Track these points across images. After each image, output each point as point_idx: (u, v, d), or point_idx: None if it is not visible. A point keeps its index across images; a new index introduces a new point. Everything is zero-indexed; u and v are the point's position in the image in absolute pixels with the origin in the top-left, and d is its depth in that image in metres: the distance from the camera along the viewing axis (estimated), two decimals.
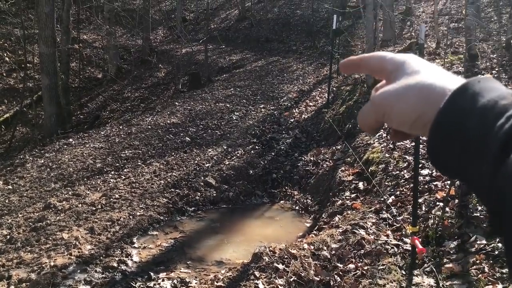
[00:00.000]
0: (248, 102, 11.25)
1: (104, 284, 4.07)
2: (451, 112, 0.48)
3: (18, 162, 8.72)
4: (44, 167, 7.91)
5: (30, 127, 15.18)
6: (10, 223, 5.76)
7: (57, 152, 8.83)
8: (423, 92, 0.52)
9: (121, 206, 5.89)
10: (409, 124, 0.53)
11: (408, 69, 0.56)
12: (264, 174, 7.19)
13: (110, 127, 10.65)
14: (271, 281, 3.76)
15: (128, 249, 4.79)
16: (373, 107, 0.57)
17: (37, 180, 7.31)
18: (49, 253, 4.75)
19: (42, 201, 6.37)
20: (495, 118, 0.44)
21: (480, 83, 0.48)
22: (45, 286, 4.05)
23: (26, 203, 6.41)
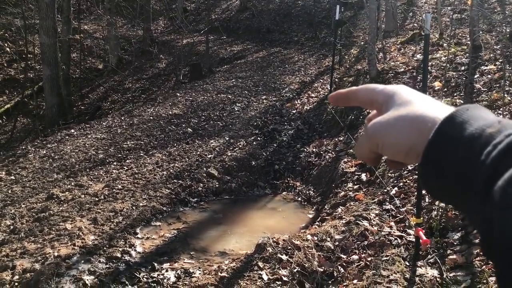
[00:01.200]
0: (249, 93, 11.22)
1: (108, 274, 4.08)
2: (440, 143, 0.49)
3: (20, 152, 8.72)
4: (47, 158, 7.91)
5: (31, 117, 15.15)
6: (13, 214, 5.77)
7: (59, 143, 8.82)
8: (414, 123, 0.53)
9: (124, 197, 5.90)
10: (403, 154, 0.54)
11: (398, 100, 0.57)
12: (266, 166, 7.18)
13: (112, 118, 10.63)
14: (275, 272, 3.77)
15: (132, 240, 4.80)
16: (367, 139, 0.58)
17: (40, 171, 7.31)
18: (52, 244, 4.77)
19: (45, 191, 6.37)
20: (482, 147, 0.44)
21: (469, 111, 0.49)
22: (49, 276, 4.06)
23: (29, 194, 6.41)
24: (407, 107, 0.55)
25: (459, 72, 7.01)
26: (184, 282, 3.88)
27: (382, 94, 0.60)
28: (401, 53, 9.52)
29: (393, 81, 7.67)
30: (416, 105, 0.55)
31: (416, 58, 8.61)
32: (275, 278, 3.71)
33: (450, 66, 7.24)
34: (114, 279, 4.01)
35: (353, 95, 0.65)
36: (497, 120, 0.46)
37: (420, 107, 0.54)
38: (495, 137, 0.44)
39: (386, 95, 0.59)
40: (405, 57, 8.97)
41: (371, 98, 0.61)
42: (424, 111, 0.53)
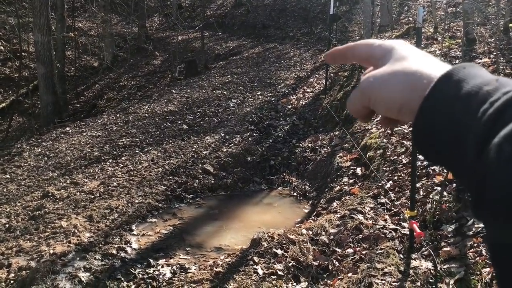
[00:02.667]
0: (245, 89, 11.21)
1: (103, 271, 4.08)
2: (436, 99, 0.48)
3: (15, 151, 8.70)
4: (42, 156, 7.89)
5: (27, 116, 15.11)
6: (8, 212, 5.76)
7: (54, 141, 8.80)
8: (409, 79, 0.52)
9: (119, 194, 5.89)
10: (396, 110, 0.53)
11: (395, 55, 0.55)
12: (262, 161, 7.19)
13: (107, 116, 10.61)
14: (270, 266, 3.78)
15: (127, 236, 4.80)
16: (360, 93, 0.56)
17: (35, 169, 7.29)
18: (48, 241, 4.76)
19: (40, 189, 6.36)
20: (479, 104, 0.43)
21: (465, 69, 0.48)
22: (44, 274, 4.06)
23: (24, 192, 6.40)
24: (403, 62, 0.54)
25: None
26: (179, 277, 3.88)
27: (379, 49, 0.58)
28: None
29: None
30: (413, 60, 0.53)
31: None
32: (270, 272, 3.72)
33: (445, 59, 7.23)
34: (109, 275, 4.01)
35: (350, 51, 0.63)
36: (495, 79, 0.46)
37: (416, 63, 0.53)
38: (492, 94, 0.43)
39: (384, 50, 0.58)
40: None
41: (368, 53, 0.60)
42: (420, 67, 0.52)
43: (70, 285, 3.93)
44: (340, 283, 3.42)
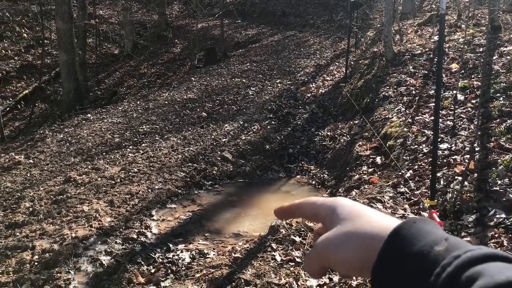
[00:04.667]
0: (264, 77, 11.18)
1: (124, 255, 4.15)
2: (388, 258, 0.49)
3: (38, 137, 8.86)
4: (64, 142, 8.03)
5: (49, 103, 15.36)
6: (32, 196, 5.89)
7: (76, 127, 8.94)
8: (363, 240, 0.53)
9: (139, 179, 5.97)
10: (357, 271, 0.53)
11: (341, 214, 0.57)
12: (280, 149, 7.19)
13: (128, 103, 10.71)
14: (288, 253, 3.80)
15: (147, 222, 4.87)
16: (317, 256, 0.57)
17: (57, 155, 7.43)
18: (70, 225, 4.86)
19: (62, 174, 6.49)
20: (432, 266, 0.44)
21: (416, 224, 0.49)
22: (67, 256, 4.16)
23: (47, 177, 6.53)
24: (353, 222, 0.55)
25: (477, 53, 6.87)
26: (198, 262, 3.94)
27: (322, 208, 0.60)
28: (418, 35, 9.36)
29: (409, 63, 7.56)
30: (362, 219, 0.55)
31: (433, 40, 8.46)
32: (288, 259, 3.74)
33: (468, 47, 7.10)
34: (130, 259, 4.08)
35: (296, 209, 0.65)
36: (444, 237, 0.47)
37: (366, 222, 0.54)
38: (444, 256, 0.44)
39: (327, 209, 0.59)
40: (422, 39, 8.82)
41: (313, 211, 0.62)
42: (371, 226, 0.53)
43: (92, 268, 4.01)
44: None
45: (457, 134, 5.01)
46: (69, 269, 3.98)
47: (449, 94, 5.98)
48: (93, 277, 3.87)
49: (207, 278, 3.59)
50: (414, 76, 7.12)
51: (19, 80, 17.41)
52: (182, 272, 3.84)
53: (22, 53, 18.25)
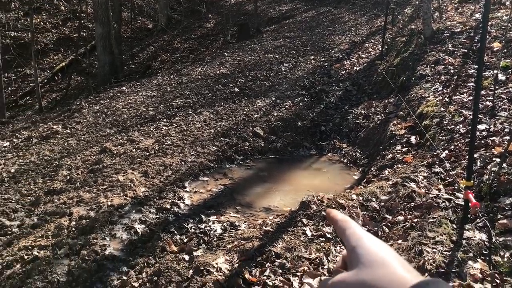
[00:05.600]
0: (297, 53, 11.06)
1: (158, 224, 4.26)
2: None
3: (75, 108, 9.08)
4: (99, 113, 8.21)
5: (84, 75, 15.66)
6: (69, 165, 6.08)
7: (111, 99, 9.11)
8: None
9: (173, 152, 6.07)
10: None
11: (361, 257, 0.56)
12: (312, 126, 7.15)
13: (162, 77, 10.82)
14: (319, 229, 3.82)
15: (180, 193, 4.96)
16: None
17: (93, 125, 7.61)
18: (106, 194, 5.01)
19: (98, 145, 6.66)
20: None
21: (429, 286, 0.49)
22: (103, 224, 4.30)
23: (84, 147, 6.72)
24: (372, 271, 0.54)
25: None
26: (230, 234, 4.00)
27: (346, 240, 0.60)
28: (459, 13, 9.03)
29: (448, 41, 7.33)
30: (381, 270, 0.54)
31: (474, 17, 8.14)
32: (319, 234, 3.76)
33: None
34: (163, 228, 4.19)
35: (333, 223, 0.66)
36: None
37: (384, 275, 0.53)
38: None
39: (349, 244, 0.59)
40: (462, 17, 8.51)
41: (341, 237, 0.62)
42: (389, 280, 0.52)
43: (127, 236, 4.14)
44: None
45: (496, 115, 4.86)
46: (105, 236, 4.12)
47: (489, 73, 5.78)
48: (127, 244, 4.00)
49: (238, 249, 3.65)
50: (453, 54, 6.90)
51: (56, 52, 17.80)
52: (214, 242, 3.92)
53: (60, 26, 18.59)
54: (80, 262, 3.71)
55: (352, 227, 0.62)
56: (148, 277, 3.47)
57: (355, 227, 0.62)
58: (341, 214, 0.66)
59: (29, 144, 7.37)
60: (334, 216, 0.67)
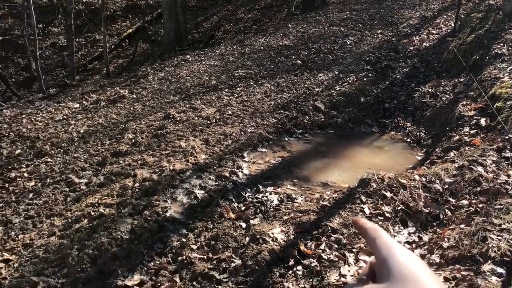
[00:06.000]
0: (364, 26, 10.72)
1: (217, 191, 4.37)
2: None
3: (141, 74, 9.37)
4: (164, 80, 8.42)
5: (150, 43, 16.06)
6: (134, 129, 6.32)
7: (176, 67, 9.30)
8: None
9: (233, 122, 6.15)
10: None
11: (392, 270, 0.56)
12: (375, 103, 6.96)
13: (225, 47, 10.88)
14: (378, 207, 3.77)
15: (239, 162, 5.04)
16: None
17: (158, 92, 7.83)
18: (168, 158, 5.18)
19: (162, 111, 6.86)
20: None
21: None
22: (165, 187, 4.46)
23: (148, 112, 6.95)
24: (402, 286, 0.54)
25: None
26: (286, 206, 4.04)
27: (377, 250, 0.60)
28: None
29: None
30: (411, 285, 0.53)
31: None
32: (378, 213, 3.71)
33: None
34: (222, 195, 4.29)
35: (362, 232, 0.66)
36: None
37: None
38: None
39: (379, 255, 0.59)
40: None
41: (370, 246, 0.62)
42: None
43: (187, 200, 4.27)
44: (451, 233, 3.31)
45: None
46: (166, 198, 4.28)
47: None
48: (187, 208, 4.14)
49: (295, 221, 3.68)
50: None
51: (124, 19, 18.33)
52: (270, 213, 3.97)
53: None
54: (143, 221, 3.89)
55: (382, 236, 0.62)
56: (206, 241, 3.59)
57: (386, 237, 0.62)
58: (370, 223, 0.66)
59: (97, 107, 7.72)
60: (363, 224, 0.66)
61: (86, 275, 3.35)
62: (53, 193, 4.89)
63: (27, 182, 5.25)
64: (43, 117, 7.61)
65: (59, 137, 6.46)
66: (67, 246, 3.73)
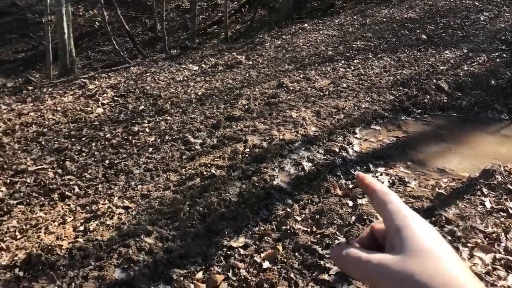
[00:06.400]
0: (503, 0, 9.65)
1: (325, 165, 4.29)
2: None
3: (258, 41, 9.45)
4: (280, 48, 8.41)
5: (268, 10, 16.10)
6: (248, 95, 6.43)
7: (293, 36, 9.23)
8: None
9: (347, 95, 5.96)
10: None
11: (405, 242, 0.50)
12: (508, 87, 6.28)
13: (344, 16, 10.53)
14: (501, 202, 3.44)
15: (350, 138, 4.89)
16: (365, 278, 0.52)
17: (273, 60, 7.85)
18: (278, 127, 5.20)
19: (276, 79, 6.87)
20: None
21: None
22: (274, 155, 4.49)
23: (262, 80, 7.01)
24: (418, 262, 0.48)
25: None
26: (398, 189, 3.85)
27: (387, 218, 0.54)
28: None
29: None
30: (427, 261, 0.47)
31: None
32: (500, 208, 3.39)
33: None
34: (330, 170, 4.21)
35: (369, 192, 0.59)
36: None
37: (436, 272, 0.46)
38: None
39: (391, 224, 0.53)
40: None
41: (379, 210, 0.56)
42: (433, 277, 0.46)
43: (294, 171, 4.27)
44: None
45: None
46: (274, 167, 4.31)
47: None
48: (294, 179, 4.13)
49: None
50: None
51: None
52: None
53: None
54: (250, 186, 3.97)
55: (394, 202, 0.55)
56: (310, 214, 3.57)
57: (399, 203, 0.55)
58: (379, 183, 0.59)
59: (215, 71, 7.98)
60: (370, 184, 0.59)
61: (195, 231, 3.52)
62: (170, 150, 5.19)
63: (148, 137, 5.63)
64: (165, 77, 8.06)
65: (178, 97, 6.81)
66: (180, 201, 3.95)
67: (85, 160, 5.33)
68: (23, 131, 6.44)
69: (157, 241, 3.46)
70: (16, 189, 4.86)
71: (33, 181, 5.00)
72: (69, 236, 3.83)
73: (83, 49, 16.32)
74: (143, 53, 13.53)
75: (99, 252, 3.44)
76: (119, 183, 4.69)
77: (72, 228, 3.95)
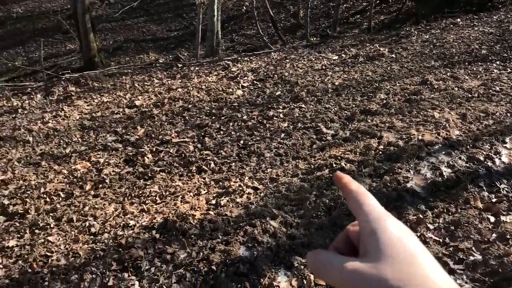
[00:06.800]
0: None
1: (466, 173, 3.98)
2: None
3: (404, 33, 9.02)
4: (428, 43, 7.93)
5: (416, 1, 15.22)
6: (388, 89, 6.19)
7: (442, 30, 8.64)
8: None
9: (499, 100, 5.43)
10: None
11: (380, 245, 0.49)
12: None
13: (505, 12, 9.53)
14: None
15: (498, 147, 4.46)
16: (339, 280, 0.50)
17: (419, 55, 7.44)
18: (418, 127, 4.94)
19: (419, 75, 6.51)
20: None
21: None
22: (410, 156, 4.29)
23: (405, 74, 6.69)
24: (392, 266, 0.46)
25: None
26: None
27: (362, 219, 0.52)
28: None
29: None
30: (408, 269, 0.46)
31: None
32: None
33: None
34: (472, 179, 3.89)
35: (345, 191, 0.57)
36: None
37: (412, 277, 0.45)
38: None
39: (366, 226, 0.51)
40: None
41: (355, 211, 0.54)
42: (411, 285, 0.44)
43: (431, 175, 4.03)
44: None
45: None
46: (409, 168, 4.12)
47: None
48: (430, 184, 3.90)
49: None
50: None
51: None
52: None
53: None
54: (381, 186, 3.85)
55: (370, 203, 0.54)
56: (445, 224, 3.35)
57: (375, 204, 0.53)
58: (356, 183, 0.57)
59: (355, 62, 7.82)
60: (347, 183, 0.58)
61: (320, 222, 3.53)
62: (301, 137, 5.25)
63: (281, 123, 5.76)
64: (304, 64, 8.12)
65: (315, 85, 6.83)
66: (307, 190, 3.99)
67: (222, 138, 5.64)
68: (171, 105, 7.02)
69: (282, 226, 3.55)
70: (160, 157, 5.34)
71: (175, 152, 5.43)
72: (202, 207, 4.11)
73: (228, 31, 17.17)
74: (283, 39, 13.78)
75: (227, 227, 3.64)
76: (251, 164, 4.88)
77: (205, 200, 4.23)
